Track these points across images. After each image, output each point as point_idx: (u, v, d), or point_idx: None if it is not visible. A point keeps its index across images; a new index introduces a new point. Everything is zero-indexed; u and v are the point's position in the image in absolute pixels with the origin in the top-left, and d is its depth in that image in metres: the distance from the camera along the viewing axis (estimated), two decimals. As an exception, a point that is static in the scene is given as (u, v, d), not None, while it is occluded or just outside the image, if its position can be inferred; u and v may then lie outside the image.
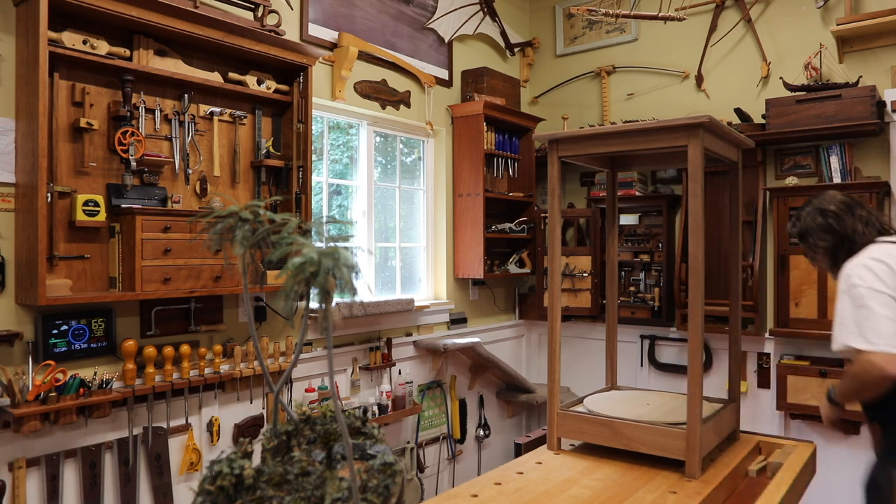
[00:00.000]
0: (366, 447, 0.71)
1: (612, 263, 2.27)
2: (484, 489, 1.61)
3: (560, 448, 1.90)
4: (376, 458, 0.69)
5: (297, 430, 0.70)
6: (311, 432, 0.71)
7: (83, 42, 2.31)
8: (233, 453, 0.66)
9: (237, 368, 2.75)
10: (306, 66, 2.93)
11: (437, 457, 3.98)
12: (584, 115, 4.55)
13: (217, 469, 0.63)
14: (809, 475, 1.93)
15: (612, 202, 2.27)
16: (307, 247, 0.59)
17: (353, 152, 3.75)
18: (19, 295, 2.25)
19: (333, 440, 0.72)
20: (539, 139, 2.02)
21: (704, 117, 1.66)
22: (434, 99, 4.03)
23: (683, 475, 1.65)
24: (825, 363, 3.51)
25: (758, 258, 3.63)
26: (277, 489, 0.64)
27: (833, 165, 3.53)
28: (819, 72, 3.60)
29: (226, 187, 2.81)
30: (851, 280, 1.81)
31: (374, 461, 0.69)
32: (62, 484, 2.34)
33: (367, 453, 0.70)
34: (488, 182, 4.15)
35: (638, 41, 4.35)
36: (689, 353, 1.68)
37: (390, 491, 0.65)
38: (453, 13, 4.12)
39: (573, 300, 4.27)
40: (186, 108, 2.63)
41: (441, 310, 4.05)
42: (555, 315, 1.92)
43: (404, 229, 4.06)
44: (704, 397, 1.78)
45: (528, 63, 4.78)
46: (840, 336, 1.80)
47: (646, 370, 4.24)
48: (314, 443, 0.71)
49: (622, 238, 4.21)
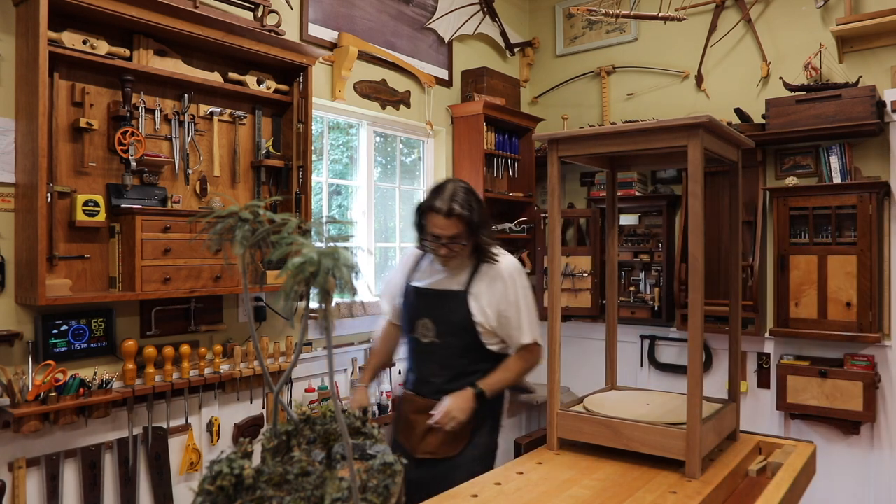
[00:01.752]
0: (366, 447, 0.71)
1: (612, 263, 2.27)
2: (484, 489, 1.61)
3: (560, 448, 1.90)
4: (376, 458, 0.69)
5: (297, 430, 0.70)
6: (311, 432, 0.71)
7: (83, 42, 2.31)
8: (232, 453, 0.66)
9: (237, 368, 2.75)
10: (306, 66, 2.93)
11: (437, 457, 3.97)
12: (584, 115, 4.55)
13: (217, 469, 0.63)
14: (809, 475, 1.93)
15: (612, 202, 2.27)
16: (307, 247, 0.58)
17: (353, 152, 3.75)
18: (19, 295, 2.25)
19: (333, 440, 0.72)
20: (539, 139, 2.02)
21: (704, 117, 1.66)
22: (434, 99, 4.03)
23: (683, 475, 1.65)
24: (825, 363, 3.51)
25: (758, 258, 3.63)
26: (277, 489, 0.64)
27: (833, 165, 3.53)
28: (819, 72, 3.60)
29: (226, 187, 2.81)
30: (525, 279, 2.22)
31: (374, 461, 0.69)
32: (62, 484, 2.34)
33: (367, 453, 0.70)
34: (488, 182, 4.15)
35: (638, 41, 4.35)
36: (689, 353, 1.68)
37: (390, 491, 0.65)
38: (453, 13, 4.12)
39: (573, 300, 4.27)
40: (186, 108, 2.63)
41: (441, 310, 4.04)
42: (555, 315, 1.92)
43: (404, 229, 4.06)
44: (704, 397, 1.77)
45: (528, 63, 4.78)
46: (534, 329, 2.21)
47: (646, 370, 4.24)
48: (314, 443, 0.71)
49: (622, 238, 4.21)
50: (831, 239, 3.46)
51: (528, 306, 2.20)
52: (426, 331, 2.23)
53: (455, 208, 2.08)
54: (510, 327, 2.19)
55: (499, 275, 2.18)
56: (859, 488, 3.55)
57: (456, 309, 2.18)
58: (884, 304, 3.46)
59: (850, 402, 3.36)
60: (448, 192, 2.11)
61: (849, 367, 3.42)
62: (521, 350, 2.22)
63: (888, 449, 3.46)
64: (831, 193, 3.45)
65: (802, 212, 3.53)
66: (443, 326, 2.20)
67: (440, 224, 2.10)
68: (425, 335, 2.24)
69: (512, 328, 2.19)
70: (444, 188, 2.14)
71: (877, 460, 3.49)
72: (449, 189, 2.13)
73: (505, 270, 2.18)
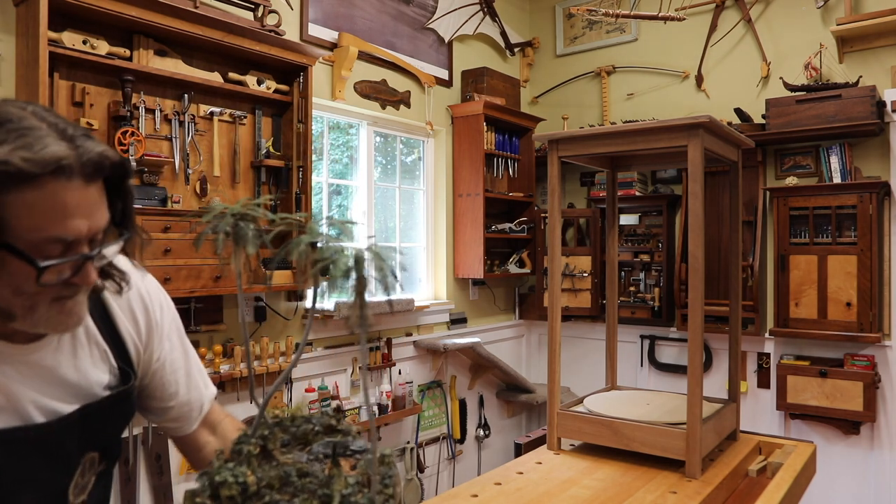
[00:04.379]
0: (348, 444, 0.70)
1: (612, 263, 2.27)
2: (484, 489, 1.61)
3: (560, 448, 1.90)
4: (366, 453, 0.69)
5: (272, 433, 0.69)
6: (285, 434, 0.70)
7: (83, 42, 2.31)
8: (227, 461, 0.64)
9: (237, 368, 2.75)
10: (306, 66, 2.93)
11: (437, 457, 3.98)
12: (584, 115, 4.55)
13: (220, 479, 0.61)
14: (809, 475, 1.93)
15: (612, 202, 2.27)
16: (333, 243, 0.58)
17: (353, 152, 3.75)
18: (19, 295, 2.24)
19: (312, 440, 0.71)
20: (539, 139, 2.01)
21: (704, 117, 1.66)
22: (434, 99, 4.02)
23: (683, 475, 1.65)
24: (825, 363, 3.51)
25: (758, 258, 3.63)
26: (281, 492, 0.63)
27: (833, 165, 3.53)
28: (819, 72, 3.60)
29: (226, 187, 2.81)
30: (175, 311, 1.13)
31: (367, 454, 0.69)
32: (62, 484, 2.33)
33: (352, 450, 0.70)
34: (488, 182, 4.15)
35: (638, 41, 4.35)
36: (689, 353, 1.68)
37: (393, 481, 0.65)
38: (453, 13, 4.12)
39: (573, 300, 4.27)
40: (186, 108, 2.63)
41: (441, 310, 4.05)
42: (555, 315, 1.92)
43: (404, 229, 4.06)
44: (704, 397, 1.78)
45: (528, 63, 4.78)
46: (211, 387, 1.18)
47: (646, 370, 4.24)
48: (288, 445, 0.70)
49: (622, 238, 4.21)
50: (831, 239, 3.46)
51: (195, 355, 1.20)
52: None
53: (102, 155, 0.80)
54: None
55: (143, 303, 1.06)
56: (859, 488, 3.55)
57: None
58: (884, 304, 3.46)
59: (850, 402, 3.36)
60: (53, 123, 0.77)
61: (849, 367, 3.42)
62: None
63: (888, 449, 3.46)
64: (831, 193, 3.45)
65: (802, 212, 3.53)
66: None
67: (72, 203, 0.78)
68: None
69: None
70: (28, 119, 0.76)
71: (877, 460, 3.49)
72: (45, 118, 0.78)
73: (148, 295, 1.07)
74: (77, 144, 0.76)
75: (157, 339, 1.06)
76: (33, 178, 0.72)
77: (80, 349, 0.95)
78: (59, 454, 0.91)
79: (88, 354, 0.95)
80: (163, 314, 1.08)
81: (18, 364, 0.87)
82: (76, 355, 0.94)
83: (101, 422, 0.97)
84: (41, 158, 0.72)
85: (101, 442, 0.98)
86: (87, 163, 0.76)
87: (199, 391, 1.13)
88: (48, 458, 0.89)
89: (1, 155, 0.71)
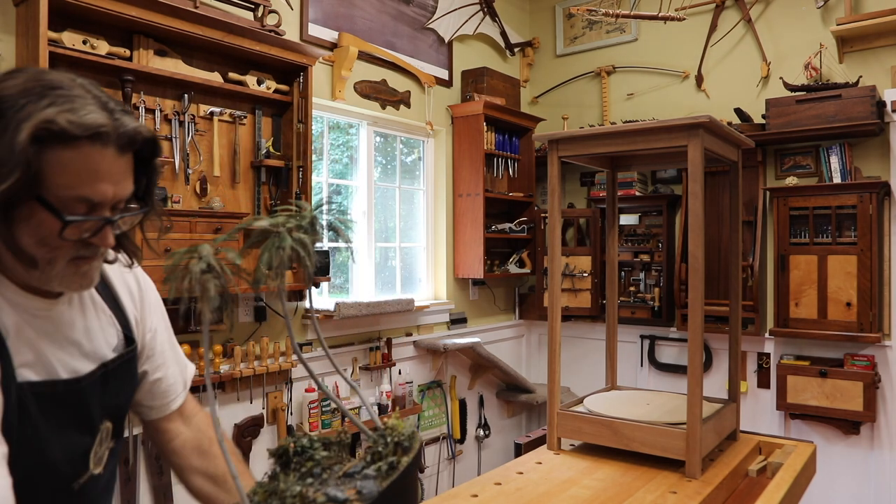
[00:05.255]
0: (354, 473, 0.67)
1: (612, 263, 2.27)
2: (484, 489, 1.61)
3: (560, 448, 1.90)
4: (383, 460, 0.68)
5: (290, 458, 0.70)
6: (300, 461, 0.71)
7: (83, 42, 2.31)
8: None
9: (237, 368, 2.75)
10: (306, 66, 2.93)
11: (437, 457, 3.98)
12: (584, 115, 4.55)
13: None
14: (809, 475, 1.93)
15: (612, 202, 2.27)
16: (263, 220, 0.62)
17: (353, 152, 3.75)
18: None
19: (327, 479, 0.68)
20: (539, 139, 2.01)
21: (704, 117, 1.66)
22: (434, 99, 4.02)
23: (683, 475, 1.65)
24: (825, 363, 3.51)
25: (758, 258, 3.63)
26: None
27: (833, 165, 3.53)
28: (819, 72, 3.60)
29: (226, 187, 2.81)
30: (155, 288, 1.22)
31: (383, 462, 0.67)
32: (62, 484, 2.33)
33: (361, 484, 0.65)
34: (488, 182, 4.15)
35: (638, 41, 4.35)
36: (689, 353, 1.68)
37: (413, 445, 0.68)
38: (453, 13, 4.12)
39: (573, 300, 4.27)
40: (186, 108, 2.63)
41: (441, 310, 4.05)
42: (555, 315, 1.92)
43: (404, 229, 4.06)
44: (704, 397, 1.78)
45: (528, 63, 4.78)
46: (190, 364, 1.26)
47: (646, 370, 4.24)
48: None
49: (622, 238, 4.21)
50: (831, 239, 3.46)
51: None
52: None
53: (136, 130, 0.88)
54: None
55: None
56: (859, 488, 3.55)
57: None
58: (884, 304, 3.46)
59: (850, 402, 3.36)
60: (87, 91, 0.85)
61: (849, 367, 3.42)
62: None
63: (888, 449, 3.46)
64: (831, 193, 3.45)
65: (802, 212, 3.53)
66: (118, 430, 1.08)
67: (104, 168, 0.85)
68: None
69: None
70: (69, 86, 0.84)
71: (877, 460, 3.49)
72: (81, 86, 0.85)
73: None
74: (115, 117, 0.85)
75: (149, 310, 1.18)
76: (73, 139, 0.81)
77: (90, 313, 1.02)
78: (83, 414, 0.97)
79: (97, 318, 1.03)
80: (150, 289, 1.21)
81: (42, 320, 0.93)
82: (86, 318, 1.01)
83: (117, 384, 1.04)
84: (83, 122, 0.81)
85: (114, 408, 1.04)
86: (122, 134, 0.85)
87: (183, 363, 1.23)
88: (74, 416, 0.96)
89: (49, 115, 0.79)
